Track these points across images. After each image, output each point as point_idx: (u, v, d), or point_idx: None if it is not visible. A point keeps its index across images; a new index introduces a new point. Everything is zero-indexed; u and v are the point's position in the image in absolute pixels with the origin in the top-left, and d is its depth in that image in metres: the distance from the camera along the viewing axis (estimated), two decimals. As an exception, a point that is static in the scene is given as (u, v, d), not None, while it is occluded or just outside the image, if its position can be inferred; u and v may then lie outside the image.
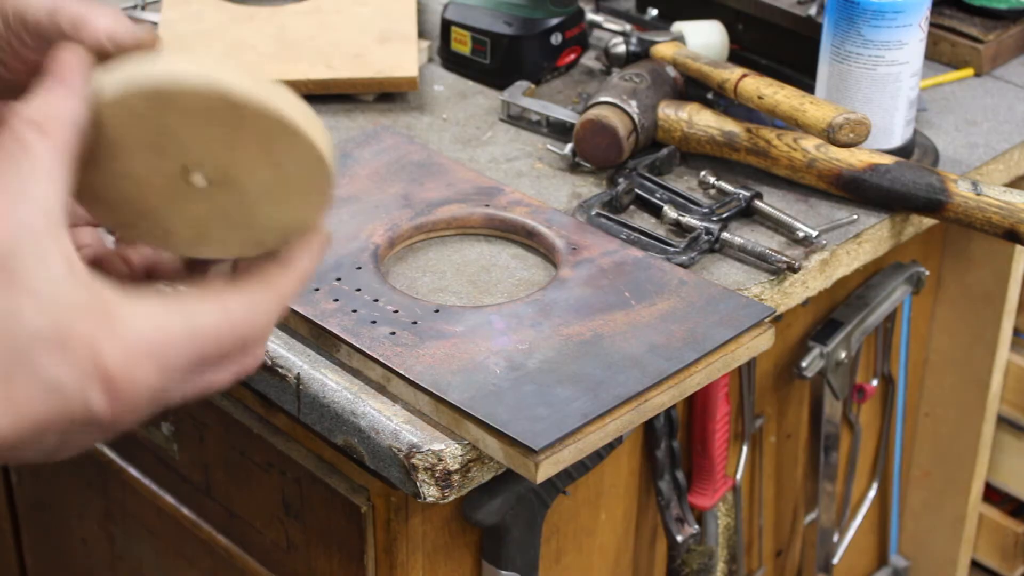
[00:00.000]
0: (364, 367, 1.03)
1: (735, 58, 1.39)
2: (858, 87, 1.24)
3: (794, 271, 1.14)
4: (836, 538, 1.49)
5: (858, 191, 1.22)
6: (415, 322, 1.05)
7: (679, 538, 1.26)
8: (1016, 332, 1.50)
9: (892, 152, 1.25)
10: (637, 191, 1.22)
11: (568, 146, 1.26)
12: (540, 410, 0.97)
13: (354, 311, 1.06)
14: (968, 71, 1.44)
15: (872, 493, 1.55)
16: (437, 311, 1.06)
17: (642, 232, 1.17)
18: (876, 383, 1.46)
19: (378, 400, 1.01)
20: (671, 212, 1.19)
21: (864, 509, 1.55)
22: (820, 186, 1.23)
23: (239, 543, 1.23)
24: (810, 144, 1.22)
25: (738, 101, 1.24)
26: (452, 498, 0.99)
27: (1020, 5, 1.44)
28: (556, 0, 1.39)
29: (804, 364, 1.31)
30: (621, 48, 1.36)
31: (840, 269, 1.20)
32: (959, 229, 1.42)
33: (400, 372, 1.00)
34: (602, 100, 1.25)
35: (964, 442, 1.54)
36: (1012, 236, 1.17)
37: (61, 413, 0.59)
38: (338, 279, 1.09)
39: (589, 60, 1.44)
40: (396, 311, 1.06)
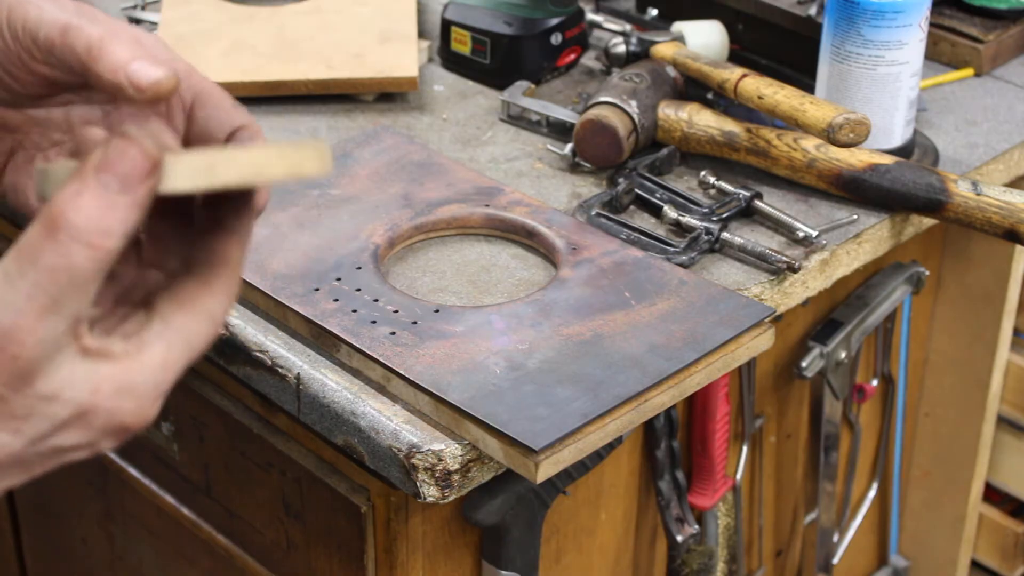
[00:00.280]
0: (364, 367, 1.03)
1: (735, 58, 1.39)
2: (858, 87, 1.24)
3: (794, 271, 1.14)
4: (836, 538, 1.49)
5: (858, 191, 1.22)
6: (415, 322, 1.05)
7: (679, 538, 1.26)
8: (1016, 332, 1.50)
9: (892, 152, 1.25)
10: (637, 191, 1.22)
11: (568, 146, 1.26)
12: (540, 410, 0.97)
13: (354, 311, 1.06)
14: (968, 71, 1.44)
15: (872, 493, 1.55)
16: (437, 311, 1.06)
17: (642, 232, 1.17)
18: (876, 383, 1.46)
19: (378, 400, 1.01)
20: (671, 212, 1.19)
21: (864, 509, 1.55)
22: (820, 186, 1.23)
23: (239, 543, 1.23)
24: (810, 144, 1.22)
25: (738, 101, 1.24)
26: (452, 498, 0.99)
27: (1020, 5, 1.43)
28: (556, 0, 1.39)
29: (804, 364, 1.31)
30: (621, 48, 1.36)
31: (840, 269, 1.20)
32: (959, 229, 1.42)
33: (400, 372, 1.00)
34: (602, 100, 1.25)
35: (964, 442, 1.54)
36: (1012, 236, 1.17)
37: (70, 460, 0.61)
38: (338, 279, 1.09)
39: (589, 60, 1.44)
40: (396, 311, 1.06)
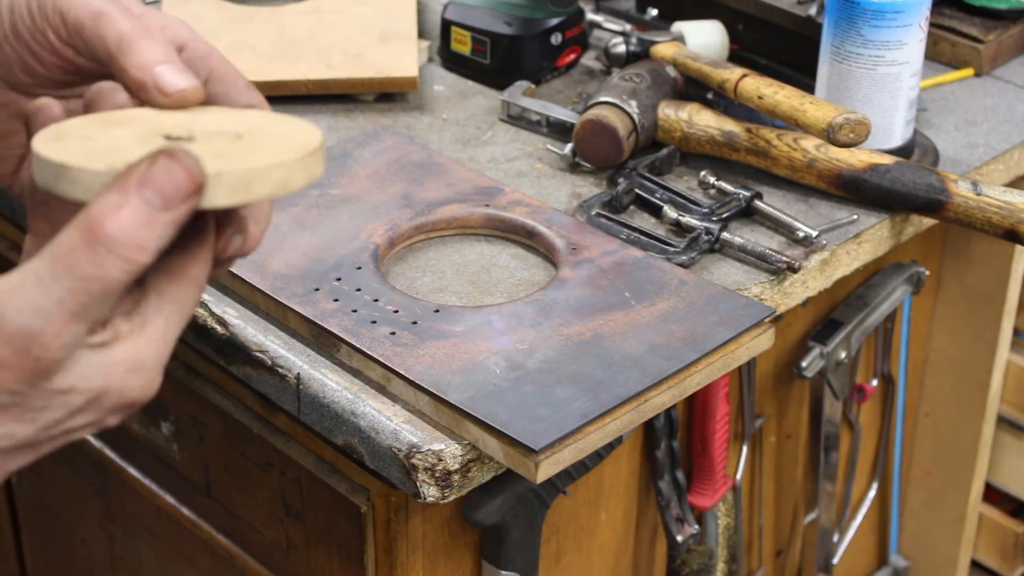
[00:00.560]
0: (364, 367, 1.03)
1: (735, 58, 1.39)
2: (858, 87, 1.24)
3: (794, 271, 1.14)
4: (836, 538, 1.49)
5: (858, 191, 1.22)
6: (415, 322, 1.05)
7: (679, 538, 1.26)
8: (1016, 332, 1.50)
9: (892, 152, 1.25)
10: (637, 191, 1.22)
11: (568, 146, 1.26)
12: (540, 410, 0.97)
13: (354, 311, 1.06)
14: (968, 71, 1.44)
15: (872, 493, 1.55)
16: (437, 311, 1.06)
17: (642, 232, 1.17)
18: (876, 383, 1.46)
19: (378, 400, 1.01)
20: (671, 212, 1.19)
21: (864, 509, 1.55)
22: (820, 186, 1.23)
23: (239, 543, 1.23)
24: (810, 144, 1.22)
25: (738, 101, 1.24)
26: (452, 498, 0.99)
27: (1020, 5, 1.43)
28: (556, 0, 1.39)
29: (804, 364, 1.31)
30: (621, 48, 1.36)
31: (840, 269, 1.20)
32: (959, 229, 1.42)
33: (400, 372, 1.00)
34: (602, 100, 1.25)
35: (964, 442, 1.54)
36: (1012, 236, 1.17)
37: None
38: (338, 279, 1.09)
39: (589, 60, 1.44)
40: (396, 311, 1.06)
